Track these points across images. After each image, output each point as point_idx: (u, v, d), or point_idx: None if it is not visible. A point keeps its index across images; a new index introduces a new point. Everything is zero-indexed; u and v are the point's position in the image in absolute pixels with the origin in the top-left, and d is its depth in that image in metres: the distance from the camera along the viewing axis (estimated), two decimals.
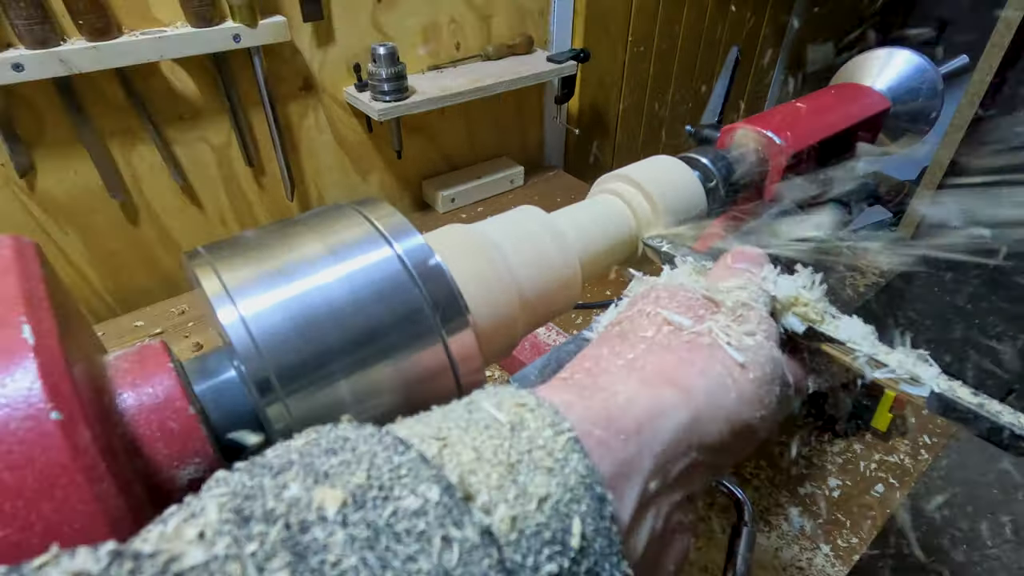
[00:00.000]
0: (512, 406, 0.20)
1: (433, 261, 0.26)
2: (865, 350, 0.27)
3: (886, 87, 0.61)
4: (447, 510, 0.16)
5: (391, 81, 0.99)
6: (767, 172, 0.52)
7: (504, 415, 0.19)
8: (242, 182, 1.05)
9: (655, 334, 0.25)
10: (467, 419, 0.19)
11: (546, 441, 0.19)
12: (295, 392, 0.22)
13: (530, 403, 0.20)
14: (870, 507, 0.66)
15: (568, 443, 0.19)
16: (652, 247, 0.38)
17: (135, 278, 1.02)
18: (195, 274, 0.24)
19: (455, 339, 0.25)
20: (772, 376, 0.25)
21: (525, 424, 0.19)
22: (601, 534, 0.18)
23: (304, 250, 0.25)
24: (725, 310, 0.26)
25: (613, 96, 1.57)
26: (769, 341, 0.26)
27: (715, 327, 0.25)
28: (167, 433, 0.23)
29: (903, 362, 0.26)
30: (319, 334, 0.23)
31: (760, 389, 0.24)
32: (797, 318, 0.28)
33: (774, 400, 0.25)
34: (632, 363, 0.24)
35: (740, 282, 0.28)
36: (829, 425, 0.74)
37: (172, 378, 0.24)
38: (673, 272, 0.31)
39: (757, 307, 0.27)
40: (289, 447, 0.18)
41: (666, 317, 0.25)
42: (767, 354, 0.25)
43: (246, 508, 0.15)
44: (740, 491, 0.45)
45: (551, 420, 0.19)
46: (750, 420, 0.23)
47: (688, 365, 0.23)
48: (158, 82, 0.89)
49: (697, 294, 0.27)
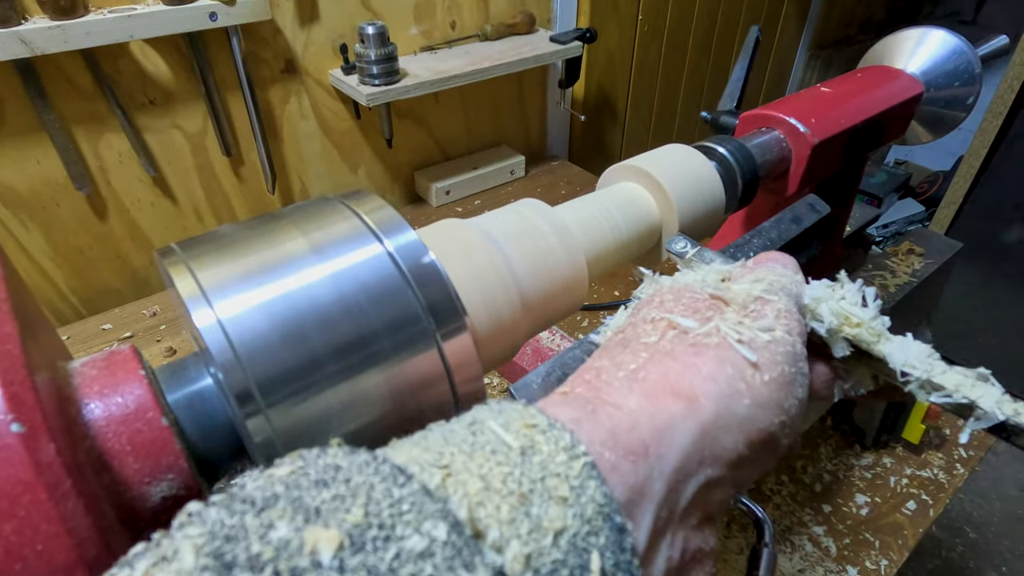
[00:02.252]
0: (521, 427, 0.19)
1: (427, 259, 0.26)
2: (918, 373, 0.26)
3: (919, 70, 0.61)
4: (456, 551, 0.15)
5: (381, 63, 0.99)
6: (790, 163, 0.52)
7: (513, 437, 0.19)
8: (219, 173, 1.05)
9: (659, 340, 0.25)
10: (471, 442, 0.19)
11: (560, 467, 0.18)
12: (278, 402, 0.22)
13: (541, 423, 0.20)
14: (901, 526, 0.66)
15: (584, 468, 0.18)
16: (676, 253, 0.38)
17: (102, 277, 1.02)
18: (168, 273, 0.24)
19: (451, 344, 0.25)
20: (791, 377, 0.24)
21: (537, 448, 0.19)
22: (622, 568, 0.17)
23: (286, 247, 0.25)
24: (735, 306, 0.26)
25: (622, 80, 1.57)
26: (791, 336, 0.25)
27: (723, 325, 0.25)
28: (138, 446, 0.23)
29: (961, 384, 0.25)
30: (303, 339, 0.23)
31: (778, 391, 0.23)
32: (846, 341, 0.27)
33: (795, 404, 0.24)
34: (634, 374, 0.23)
35: (757, 275, 0.28)
36: (857, 436, 0.75)
37: (143, 386, 0.24)
38: (682, 273, 0.30)
39: (774, 300, 0.26)
40: (273, 477, 0.17)
41: (670, 321, 0.25)
42: (786, 351, 0.24)
43: (227, 552, 0.14)
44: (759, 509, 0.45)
45: (566, 443, 0.19)
46: (769, 427, 0.23)
47: (693, 370, 0.23)
48: (128, 65, 0.89)
49: (703, 293, 0.27)
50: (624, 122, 1.65)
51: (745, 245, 0.39)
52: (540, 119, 1.42)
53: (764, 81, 1.99)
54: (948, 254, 0.74)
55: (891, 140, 0.62)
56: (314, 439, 0.23)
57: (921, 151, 2.56)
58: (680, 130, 1.83)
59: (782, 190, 0.53)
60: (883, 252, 0.74)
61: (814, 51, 2.06)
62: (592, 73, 1.47)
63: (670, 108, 1.76)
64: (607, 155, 1.65)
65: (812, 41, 2.04)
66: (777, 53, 1.95)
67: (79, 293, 1.01)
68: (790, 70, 2.07)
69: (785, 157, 0.51)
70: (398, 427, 0.25)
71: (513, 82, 1.32)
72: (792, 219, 0.41)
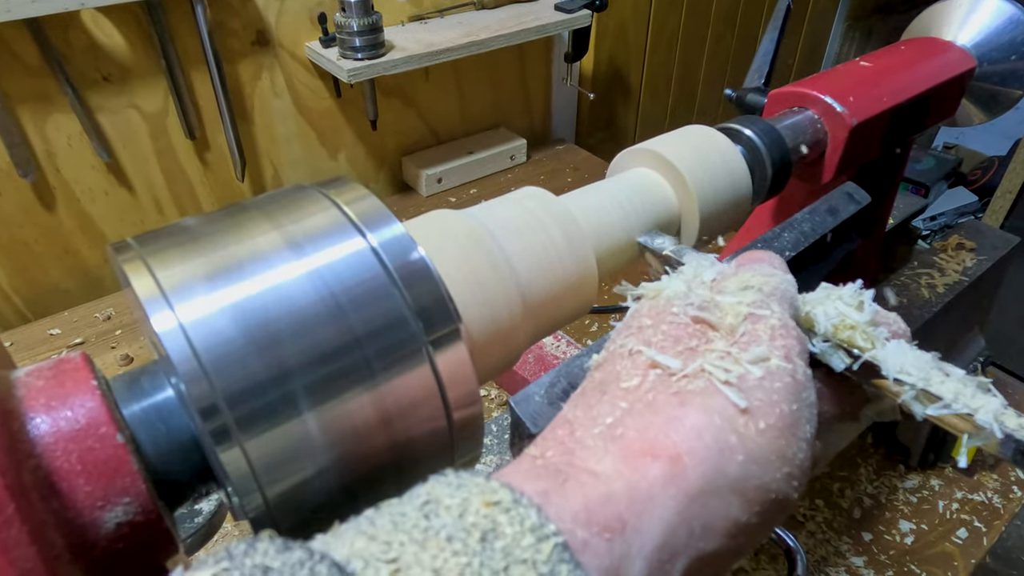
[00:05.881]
0: (480, 505, 0.19)
1: (416, 255, 0.26)
2: (913, 381, 0.25)
3: (971, 42, 0.61)
4: None
5: (364, 34, 0.99)
6: (825, 147, 0.52)
7: (472, 519, 0.19)
8: (181, 158, 1.05)
9: (639, 384, 0.24)
10: (424, 527, 0.19)
11: (527, 551, 0.18)
12: (248, 418, 0.22)
13: (504, 500, 0.19)
14: (951, 556, 0.66)
15: (555, 551, 0.18)
16: (650, 249, 0.38)
17: (50, 276, 1.02)
18: (123, 271, 0.24)
19: (443, 353, 0.25)
20: (793, 417, 0.23)
21: (499, 531, 0.18)
22: None
23: (257, 242, 0.25)
24: (723, 331, 0.25)
25: (636, 53, 1.57)
26: (790, 363, 0.24)
27: (708, 363, 0.23)
28: (90, 466, 0.23)
29: (960, 393, 0.24)
30: (276, 346, 0.23)
31: (778, 439, 0.22)
32: (840, 351, 0.27)
33: (803, 448, 0.23)
34: (611, 430, 0.22)
35: (744, 279, 0.27)
36: (901, 456, 0.75)
37: (96, 399, 0.24)
38: (664, 283, 0.29)
39: (766, 315, 0.25)
40: None
41: (651, 359, 0.24)
42: (785, 385, 0.23)
43: None
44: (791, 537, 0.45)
45: (532, 522, 0.19)
46: (770, 484, 0.22)
47: (676, 425, 0.22)
48: (79, 36, 0.89)
49: (685, 316, 0.26)
50: (638, 101, 1.65)
51: (775, 240, 0.39)
52: (544, 98, 1.42)
53: (796, 55, 1.99)
54: (1004, 250, 0.74)
55: (939, 121, 0.62)
56: (290, 460, 0.23)
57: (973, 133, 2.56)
58: (701, 110, 1.84)
59: (816, 178, 0.53)
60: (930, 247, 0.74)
61: (852, 21, 2.06)
62: (602, 45, 1.47)
63: (690, 85, 1.76)
64: (619, 138, 1.65)
65: (850, 10, 2.04)
66: (811, 23, 1.96)
67: (23, 293, 1.01)
68: (825, 42, 2.07)
69: (820, 140, 0.51)
70: (384, 447, 0.25)
71: (513, 56, 1.32)
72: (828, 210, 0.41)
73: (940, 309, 0.65)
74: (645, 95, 1.65)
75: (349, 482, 0.24)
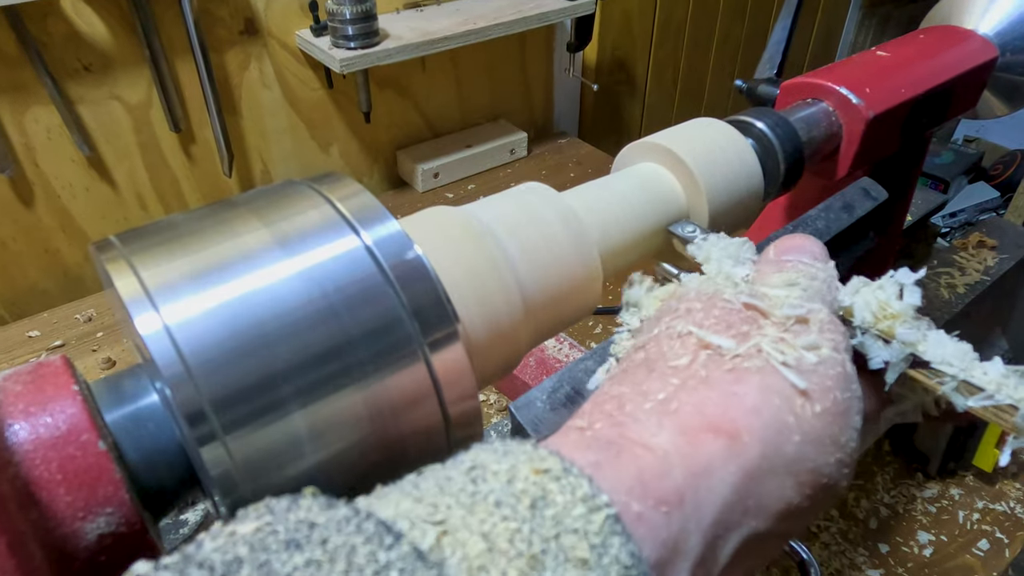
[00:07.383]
0: (530, 472, 0.19)
1: (412, 254, 0.26)
2: (954, 372, 0.26)
3: (993, 30, 0.61)
4: None
5: (357, 22, 0.99)
6: (840, 141, 0.52)
7: (521, 486, 0.19)
8: (166, 152, 1.05)
9: (691, 362, 0.24)
10: (471, 492, 0.19)
11: (578, 522, 0.18)
12: (236, 423, 0.22)
13: (554, 468, 0.20)
14: (972, 569, 0.66)
15: (607, 523, 0.18)
16: (680, 236, 0.38)
17: (28, 276, 1.02)
18: (106, 270, 0.24)
19: (440, 355, 0.25)
20: (846, 404, 0.24)
21: (549, 499, 0.19)
22: None
23: (246, 240, 0.25)
24: (774, 319, 0.26)
25: (642, 42, 1.57)
26: (839, 354, 0.25)
27: (764, 343, 0.24)
28: (70, 475, 0.23)
29: (1003, 384, 0.25)
30: (266, 348, 0.23)
31: (832, 424, 0.23)
32: (880, 341, 0.27)
33: (853, 436, 0.24)
34: (664, 405, 0.23)
35: (789, 277, 0.28)
36: (919, 463, 0.75)
37: (76, 404, 0.24)
38: (709, 273, 0.30)
39: (816, 309, 0.26)
40: (235, 537, 0.17)
41: (702, 339, 0.25)
42: (837, 374, 0.24)
43: None
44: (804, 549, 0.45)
45: (584, 492, 0.19)
46: (823, 468, 0.23)
47: (734, 401, 0.23)
48: (58, 24, 0.89)
49: (737, 302, 0.27)
50: (644, 92, 1.65)
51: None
52: (545, 89, 1.42)
53: (810, 44, 1.99)
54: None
55: (960, 114, 0.62)
56: (279, 468, 0.23)
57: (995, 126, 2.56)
58: (710, 102, 1.84)
59: (831, 172, 0.53)
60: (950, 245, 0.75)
61: (868, 9, 2.06)
62: (607, 34, 1.47)
63: (698, 76, 1.76)
64: (624, 131, 1.65)
65: None
66: (825, 11, 1.96)
67: (0, 294, 1.01)
68: (840, 31, 2.07)
69: (835, 134, 0.51)
70: (378, 456, 0.25)
71: (514, 45, 1.32)
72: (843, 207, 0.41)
73: (960, 311, 0.65)
74: (651, 86, 1.65)
75: (339, 488, 0.24)
